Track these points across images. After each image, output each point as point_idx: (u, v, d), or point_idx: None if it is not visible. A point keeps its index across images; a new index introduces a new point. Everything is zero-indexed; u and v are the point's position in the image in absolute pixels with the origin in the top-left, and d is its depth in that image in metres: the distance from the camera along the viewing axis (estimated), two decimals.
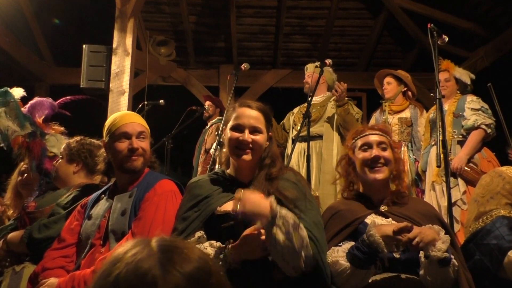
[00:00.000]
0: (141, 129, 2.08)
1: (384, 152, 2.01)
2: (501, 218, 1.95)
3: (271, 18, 6.70)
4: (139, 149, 2.04)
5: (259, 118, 1.88)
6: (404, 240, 1.69)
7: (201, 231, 1.77)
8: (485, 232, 1.95)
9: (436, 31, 2.85)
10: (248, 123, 1.86)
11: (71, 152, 2.64)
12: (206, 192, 1.86)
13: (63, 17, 6.41)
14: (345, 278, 1.74)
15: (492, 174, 2.15)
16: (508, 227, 1.91)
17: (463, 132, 3.77)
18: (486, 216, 2.00)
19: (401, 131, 4.13)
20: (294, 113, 4.35)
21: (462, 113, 3.81)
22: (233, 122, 1.89)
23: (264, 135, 1.89)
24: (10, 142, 2.71)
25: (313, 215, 1.78)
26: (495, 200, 2.02)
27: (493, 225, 1.94)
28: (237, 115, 1.89)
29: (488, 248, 1.91)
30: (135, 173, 2.07)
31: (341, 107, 3.92)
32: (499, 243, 1.88)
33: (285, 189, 1.79)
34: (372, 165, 2.00)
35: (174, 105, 5.34)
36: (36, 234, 2.33)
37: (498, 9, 5.74)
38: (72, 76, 6.26)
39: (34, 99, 2.97)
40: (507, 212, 1.97)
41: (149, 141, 2.13)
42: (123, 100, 4.41)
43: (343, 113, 3.91)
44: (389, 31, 6.91)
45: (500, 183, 2.06)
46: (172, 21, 6.76)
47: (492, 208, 2.00)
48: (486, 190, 2.08)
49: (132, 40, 4.55)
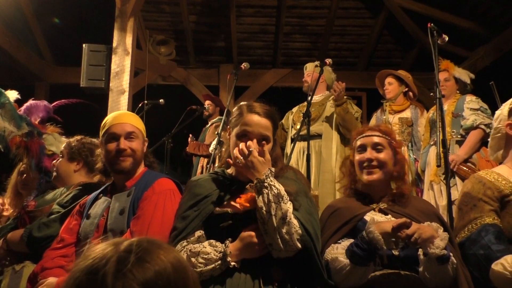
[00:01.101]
0: (130, 129, 2.07)
1: (378, 153, 2.01)
2: (486, 226, 1.90)
3: (271, 17, 6.70)
4: (126, 150, 2.03)
5: (268, 127, 1.84)
6: (402, 236, 1.69)
7: (201, 231, 1.77)
8: (471, 241, 1.91)
9: (436, 30, 2.84)
10: (257, 131, 1.81)
11: (72, 151, 2.64)
12: (206, 191, 1.85)
13: (63, 17, 6.41)
14: (345, 275, 1.74)
15: (473, 180, 2.09)
16: (494, 235, 1.87)
17: (462, 132, 3.78)
18: (471, 225, 1.95)
19: (401, 131, 4.13)
20: (293, 112, 4.34)
21: (461, 113, 3.81)
22: (240, 129, 1.82)
23: (271, 143, 1.86)
24: (7, 143, 2.72)
25: (311, 212, 1.77)
26: (478, 208, 1.96)
27: (479, 234, 1.90)
28: (245, 122, 1.82)
29: (475, 258, 1.87)
30: (125, 173, 2.07)
31: (340, 106, 3.91)
32: (486, 253, 1.84)
33: (285, 184, 1.78)
34: (365, 167, 2.01)
35: (174, 105, 5.34)
36: (36, 233, 2.33)
37: (498, 8, 5.74)
38: (72, 75, 6.28)
39: (29, 101, 2.98)
40: (491, 219, 1.92)
41: (141, 141, 2.11)
42: (123, 100, 4.42)
43: (342, 112, 3.90)
44: (389, 31, 6.91)
45: (481, 189, 2.00)
46: (172, 21, 6.76)
47: (477, 216, 1.95)
48: (468, 197, 2.02)
49: (132, 40, 4.55)
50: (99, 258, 0.79)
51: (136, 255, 0.79)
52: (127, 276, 0.76)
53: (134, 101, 4.74)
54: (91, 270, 0.78)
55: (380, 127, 2.13)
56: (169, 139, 5.06)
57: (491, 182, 2.00)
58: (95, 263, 0.79)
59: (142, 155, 2.13)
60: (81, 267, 0.80)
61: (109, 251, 0.80)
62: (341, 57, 7.18)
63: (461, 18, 6.01)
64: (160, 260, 0.81)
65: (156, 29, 6.80)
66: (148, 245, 0.83)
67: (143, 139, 2.14)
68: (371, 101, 4.29)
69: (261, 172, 1.69)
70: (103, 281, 0.76)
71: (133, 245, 0.82)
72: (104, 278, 0.76)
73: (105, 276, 0.76)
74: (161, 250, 0.83)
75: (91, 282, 0.77)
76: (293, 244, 1.63)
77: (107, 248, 0.81)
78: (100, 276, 0.76)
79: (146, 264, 0.79)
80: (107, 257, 0.79)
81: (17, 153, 2.79)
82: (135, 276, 0.77)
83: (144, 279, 0.77)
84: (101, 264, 0.78)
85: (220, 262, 1.65)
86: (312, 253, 1.66)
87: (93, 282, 0.76)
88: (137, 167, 2.11)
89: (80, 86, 4.66)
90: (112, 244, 0.83)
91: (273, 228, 1.62)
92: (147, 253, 0.81)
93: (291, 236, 1.63)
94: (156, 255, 0.81)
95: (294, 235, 1.63)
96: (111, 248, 0.81)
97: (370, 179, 1.99)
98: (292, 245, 1.63)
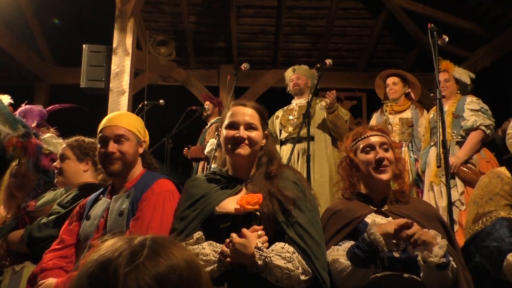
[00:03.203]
0: (120, 132, 2.04)
1: (386, 153, 2.01)
2: (500, 220, 1.93)
3: (271, 18, 6.70)
4: (115, 153, 2.01)
5: (253, 115, 1.91)
6: (403, 236, 1.69)
7: (200, 232, 1.77)
8: (484, 234, 1.94)
9: (436, 31, 2.84)
10: (243, 120, 1.88)
11: (80, 151, 2.63)
12: (203, 191, 1.86)
13: (63, 17, 6.41)
14: (345, 276, 1.74)
15: (491, 175, 2.13)
16: (508, 228, 1.89)
17: (462, 133, 3.77)
18: (485, 218, 1.98)
19: (402, 131, 4.13)
20: (279, 116, 4.34)
21: (462, 113, 3.79)
22: (228, 121, 1.90)
23: (259, 132, 1.90)
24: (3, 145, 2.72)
25: (311, 216, 1.78)
26: (494, 202, 2.00)
27: (493, 227, 1.93)
28: (232, 113, 1.91)
29: (487, 250, 1.89)
30: (116, 176, 2.06)
31: (332, 113, 3.94)
32: (499, 246, 1.86)
33: (285, 188, 1.79)
34: (377, 167, 1.99)
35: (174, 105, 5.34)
36: (36, 233, 2.33)
37: (498, 9, 5.74)
38: (72, 76, 6.27)
39: (23, 106, 2.99)
40: (507, 213, 1.95)
41: (133, 143, 2.07)
42: (123, 100, 4.42)
43: (335, 119, 3.95)
44: (389, 31, 6.91)
45: (499, 184, 2.03)
46: (172, 21, 6.76)
47: (491, 209, 1.98)
48: (485, 191, 2.06)
49: (132, 40, 4.55)
50: (112, 250, 0.80)
51: (149, 249, 0.80)
52: (139, 269, 0.76)
53: (134, 102, 4.74)
54: (104, 261, 0.78)
55: (379, 127, 2.14)
56: (169, 140, 5.06)
57: (510, 178, 2.04)
58: (108, 255, 0.79)
59: (135, 157, 2.09)
60: (93, 258, 0.80)
61: (123, 244, 0.81)
62: (341, 58, 7.18)
63: (461, 18, 6.01)
64: (173, 255, 0.81)
65: (156, 29, 6.79)
66: (162, 241, 0.83)
67: (136, 141, 2.09)
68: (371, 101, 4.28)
69: (250, 253, 1.62)
70: (115, 272, 0.76)
71: (146, 240, 0.82)
72: (116, 269, 0.76)
73: (117, 267, 0.76)
74: (175, 246, 0.83)
75: (103, 273, 0.77)
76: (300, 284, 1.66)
77: (121, 242, 0.82)
78: (112, 268, 0.76)
79: (159, 258, 0.79)
80: (120, 250, 0.79)
81: (14, 154, 2.79)
82: (147, 269, 0.77)
83: (156, 273, 0.77)
84: (114, 256, 0.78)
85: (219, 263, 1.65)
86: (313, 269, 1.68)
87: (105, 273, 0.77)
88: (129, 169, 2.08)
89: (80, 87, 4.66)
90: (126, 239, 0.83)
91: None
92: (160, 248, 0.81)
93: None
94: (170, 251, 0.81)
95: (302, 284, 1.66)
96: (125, 242, 0.82)
97: (384, 178, 1.97)
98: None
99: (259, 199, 1.72)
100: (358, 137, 2.09)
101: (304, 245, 1.68)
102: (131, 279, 0.75)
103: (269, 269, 1.62)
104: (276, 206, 1.73)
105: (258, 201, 1.71)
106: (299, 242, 1.68)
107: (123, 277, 0.75)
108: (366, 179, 2.04)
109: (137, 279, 0.75)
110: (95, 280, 0.77)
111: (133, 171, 2.10)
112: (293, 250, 1.67)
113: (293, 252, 1.66)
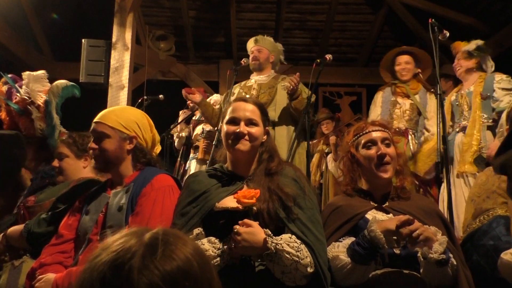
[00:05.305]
0: (100, 129, 2.02)
1: (388, 148, 1.99)
2: (498, 218, 1.92)
3: (271, 13, 6.68)
4: (94, 151, 2.04)
5: (254, 111, 1.90)
6: (404, 233, 1.68)
7: (200, 228, 1.77)
8: (482, 232, 1.93)
9: (437, 26, 2.83)
10: (243, 115, 1.87)
11: (78, 148, 2.63)
12: (204, 187, 1.85)
13: (62, 12, 6.39)
14: (345, 273, 1.73)
15: (488, 172, 2.11)
16: (505, 227, 1.88)
17: (495, 115, 3.39)
18: (483, 216, 1.97)
19: (411, 118, 3.81)
20: (235, 93, 3.81)
21: (491, 93, 3.45)
22: (229, 116, 1.90)
23: (260, 128, 1.89)
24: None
25: (311, 213, 1.78)
26: (491, 200, 1.98)
27: (490, 225, 1.92)
28: (233, 109, 1.91)
29: (484, 249, 1.89)
30: (101, 172, 2.12)
31: (296, 99, 3.51)
32: (496, 244, 1.86)
33: (285, 185, 1.78)
34: (379, 163, 1.97)
35: (173, 100, 5.33)
36: (35, 228, 2.33)
37: (498, 4, 5.73)
38: (72, 70, 6.25)
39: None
40: (504, 211, 1.94)
41: (115, 139, 2.03)
42: (122, 95, 4.42)
43: (298, 105, 3.50)
44: (390, 27, 6.90)
45: (496, 182, 2.01)
46: (172, 16, 6.74)
47: (489, 207, 1.97)
48: (482, 189, 2.04)
49: (131, 35, 4.55)
50: (124, 250, 0.78)
51: (163, 248, 0.79)
52: (153, 272, 0.75)
53: (133, 97, 4.74)
54: (117, 264, 0.76)
55: (380, 121, 2.13)
56: (169, 135, 5.05)
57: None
58: (120, 256, 0.77)
59: (118, 154, 2.04)
60: (104, 260, 0.77)
61: (134, 243, 0.79)
62: (341, 53, 7.17)
63: (461, 14, 6.00)
64: (184, 254, 0.80)
65: (155, 24, 6.78)
66: (173, 239, 0.82)
67: (120, 137, 2.04)
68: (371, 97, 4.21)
69: (260, 240, 1.62)
70: (129, 275, 0.75)
71: (158, 238, 0.80)
72: (130, 270, 0.75)
73: (131, 269, 0.75)
74: (186, 244, 0.82)
75: (117, 276, 0.75)
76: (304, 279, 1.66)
77: (131, 239, 0.80)
78: (126, 271, 0.75)
79: (172, 260, 0.78)
80: (132, 250, 0.77)
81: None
82: (160, 270, 0.76)
83: (170, 273, 0.76)
84: (127, 257, 0.76)
85: (219, 259, 1.65)
86: (315, 264, 1.68)
87: (118, 277, 0.75)
88: (115, 166, 2.05)
89: (80, 82, 4.64)
90: (135, 235, 0.81)
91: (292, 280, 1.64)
92: (173, 247, 0.80)
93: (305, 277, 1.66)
94: (182, 250, 0.80)
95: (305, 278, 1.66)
96: (135, 241, 0.80)
97: (385, 176, 1.95)
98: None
99: (255, 194, 1.71)
100: (360, 132, 2.06)
101: (307, 240, 1.68)
102: (145, 281, 0.74)
103: (279, 257, 1.60)
104: (276, 202, 1.73)
105: (255, 195, 1.70)
106: (303, 237, 1.68)
107: (137, 280, 0.74)
108: (367, 175, 2.02)
109: (151, 282, 0.74)
110: (108, 284, 0.76)
111: (123, 166, 2.07)
112: (300, 241, 1.66)
113: (300, 243, 1.66)
